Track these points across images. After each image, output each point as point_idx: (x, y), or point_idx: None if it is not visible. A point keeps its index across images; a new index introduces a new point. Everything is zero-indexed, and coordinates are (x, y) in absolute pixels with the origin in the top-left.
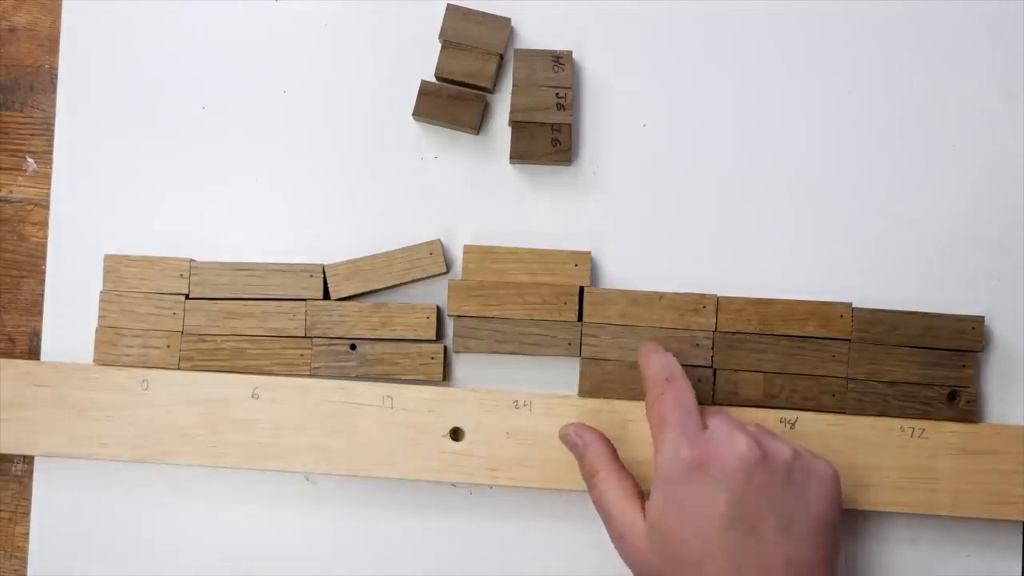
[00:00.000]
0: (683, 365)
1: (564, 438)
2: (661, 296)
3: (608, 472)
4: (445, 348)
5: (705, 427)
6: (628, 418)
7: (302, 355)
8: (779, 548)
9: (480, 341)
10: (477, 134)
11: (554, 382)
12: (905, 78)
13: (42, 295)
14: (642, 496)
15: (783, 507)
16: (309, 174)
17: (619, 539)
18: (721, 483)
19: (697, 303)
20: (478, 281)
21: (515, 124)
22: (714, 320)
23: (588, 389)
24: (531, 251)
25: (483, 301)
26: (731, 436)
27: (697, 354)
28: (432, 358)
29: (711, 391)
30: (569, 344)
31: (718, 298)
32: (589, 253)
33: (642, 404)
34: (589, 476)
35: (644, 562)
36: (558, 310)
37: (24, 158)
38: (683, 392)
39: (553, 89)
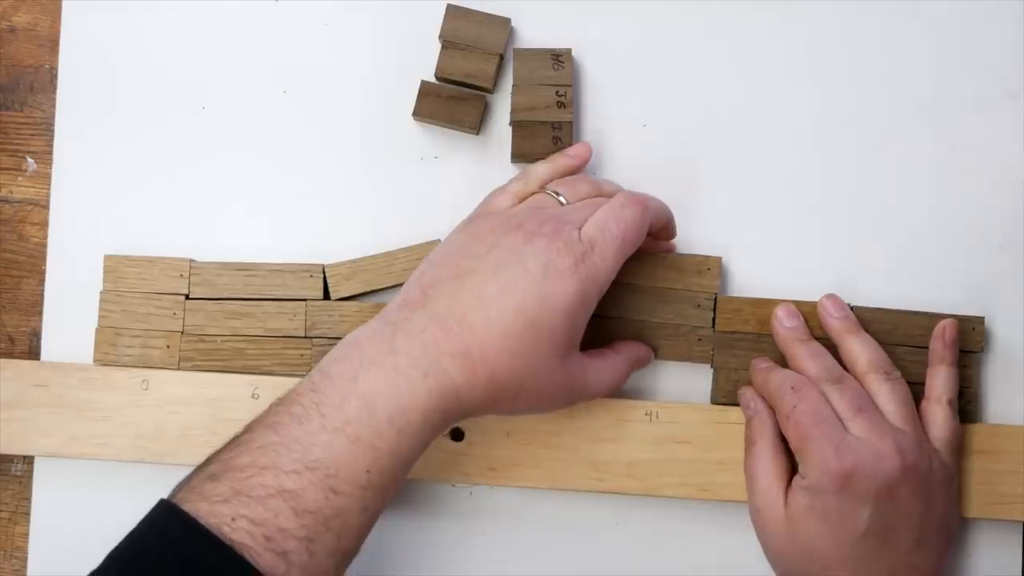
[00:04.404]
0: (684, 326)
1: (740, 396)
2: (665, 256)
3: (765, 446)
4: None
5: (847, 430)
6: (625, 419)
7: (302, 355)
8: (908, 557)
9: None
10: (477, 134)
11: None
12: (905, 78)
13: (42, 295)
14: (790, 475)
15: (918, 519)
16: (309, 174)
17: (756, 511)
18: (866, 499)
19: (701, 265)
20: None
21: (516, 124)
22: (717, 282)
23: (588, 343)
24: None
25: None
26: (877, 449)
27: (697, 315)
28: None
29: (711, 391)
30: None
31: (717, 296)
32: None
33: (642, 405)
34: (748, 443)
35: (773, 542)
36: None
37: (24, 158)
38: (814, 399)
39: (553, 87)
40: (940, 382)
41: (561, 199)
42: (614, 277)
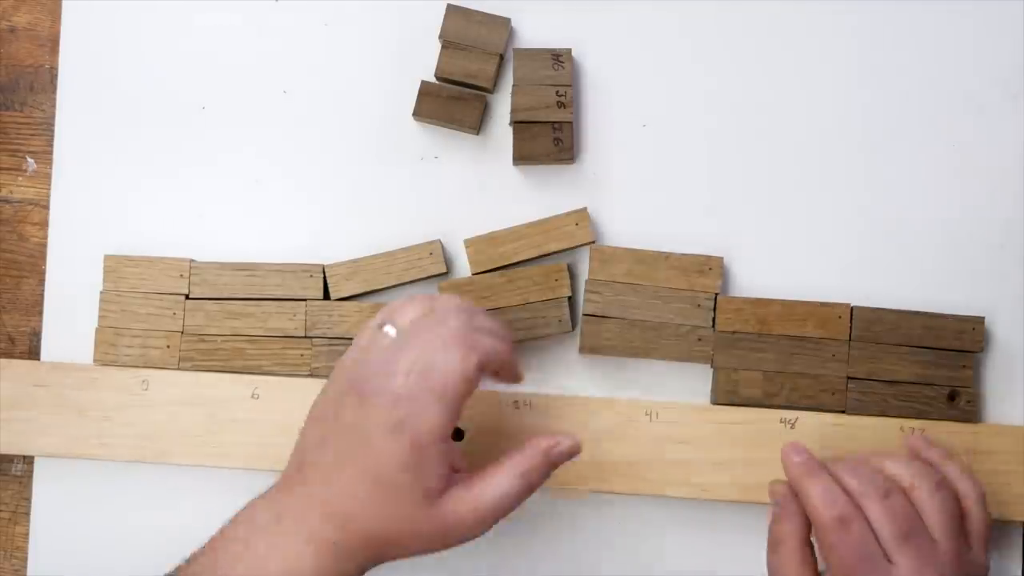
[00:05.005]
0: (684, 326)
1: (770, 491)
2: (667, 256)
3: (795, 550)
4: None
5: (890, 561)
6: (625, 419)
7: (302, 355)
8: None
9: None
10: (477, 134)
11: (554, 378)
12: (905, 78)
13: (42, 295)
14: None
15: None
16: (309, 174)
17: None
18: None
19: (703, 264)
20: (467, 278)
21: (517, 124)
22: (718, 282)
23: (588, 347)
24: (529, 225)
25: (475, 295)
26: None
27: (697, 315)
28: None
29: (711, 391)
30: (560, 321)
31: (717, 296)
32: (586, 209)
33: (642, 405)
34: (775, 541)
35: None
36: (550, 288)
37: (24, 158)
38: (860, 532)
39: (553, 87)
40: (963, 486)
41: (390, 332)
42: (456, 418)
